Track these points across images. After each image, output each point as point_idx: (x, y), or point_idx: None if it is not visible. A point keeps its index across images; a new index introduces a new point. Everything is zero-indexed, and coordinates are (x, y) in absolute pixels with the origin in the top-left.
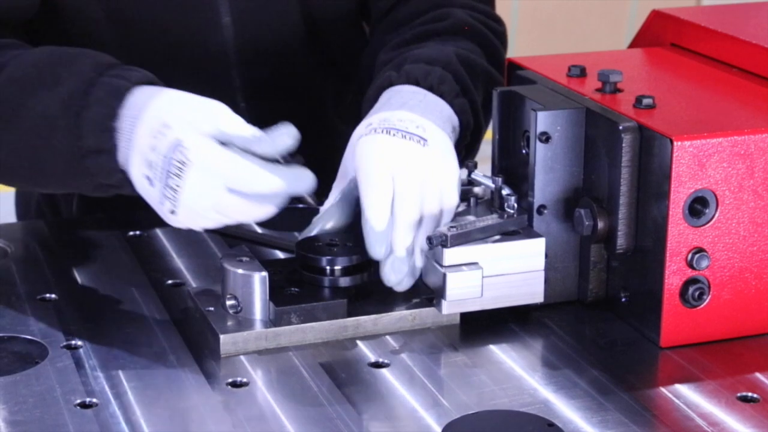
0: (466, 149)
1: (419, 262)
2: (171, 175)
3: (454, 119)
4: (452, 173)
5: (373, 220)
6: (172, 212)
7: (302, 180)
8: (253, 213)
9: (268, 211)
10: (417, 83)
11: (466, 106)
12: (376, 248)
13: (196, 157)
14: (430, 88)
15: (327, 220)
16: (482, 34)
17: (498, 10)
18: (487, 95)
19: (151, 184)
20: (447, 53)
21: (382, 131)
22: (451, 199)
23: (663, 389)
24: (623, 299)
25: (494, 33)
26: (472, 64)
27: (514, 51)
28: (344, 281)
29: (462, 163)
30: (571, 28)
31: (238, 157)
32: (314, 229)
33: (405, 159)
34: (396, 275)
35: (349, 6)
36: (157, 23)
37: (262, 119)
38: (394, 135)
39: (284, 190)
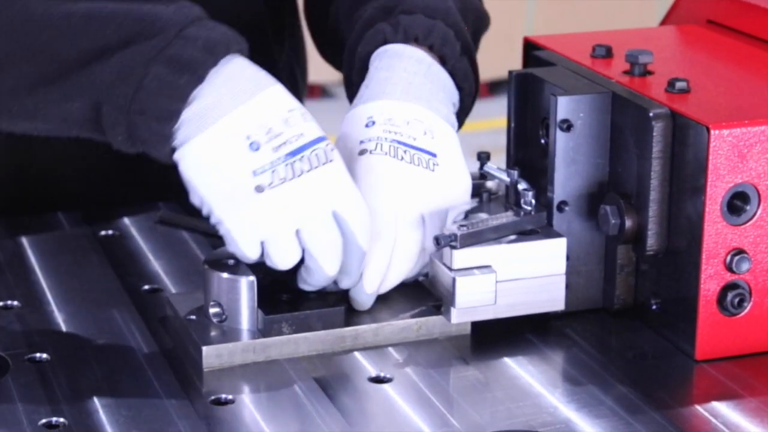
0: (464, 114)
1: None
2: (306, 159)
3: (455, 93)
4: (461, 198)
5: (368, 285)
6: (259, 189)
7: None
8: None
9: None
10: (416, 41)
11: (468, 70)
12: (362, 303)
13: (339, 161)
14: (431, 48)
15: None
16: None
17: None
18: (475, 37)
19: (252, 148)
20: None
21: (390, 149)
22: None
23: (699, 407)
24: (654, 307)
25: None
26: (465, 5)
27: (532, 29)
28: None
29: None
30: (595, 3)
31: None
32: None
33: (411, 196)
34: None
35: None
36: None
37: None
38: (402, 158)
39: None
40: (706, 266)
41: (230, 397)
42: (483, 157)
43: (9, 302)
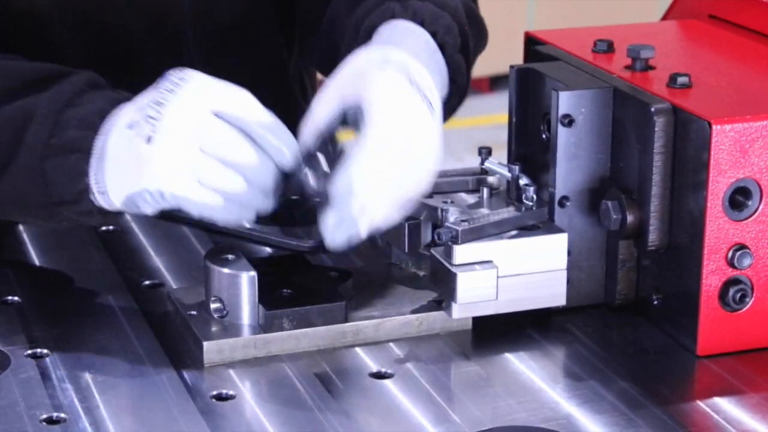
0: (450, 111)
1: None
2: (157, 100)
3: (446, 85)
4: (433, 161)
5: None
6: (149, 139)
7: (283, 153)
8: (227, 178)
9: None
10: (422, 24)
11: (462, 66)
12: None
13: (188, 82)
14: (434, 34)
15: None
16: None
17: None
18: (476, 49)
19: (131, 126)
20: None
21: (406, 78)
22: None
23: (700, 403)
24: (655, 302)
25: None
26: (473, 15)
27: (534, 23)
28: None
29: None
30: None
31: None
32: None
33: (417, 127)
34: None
35: None
36: None
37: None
38: (416, 91)
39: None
40: (707, 261)
41: (231, 392)
42: (484, 153)
43: (9, 298)
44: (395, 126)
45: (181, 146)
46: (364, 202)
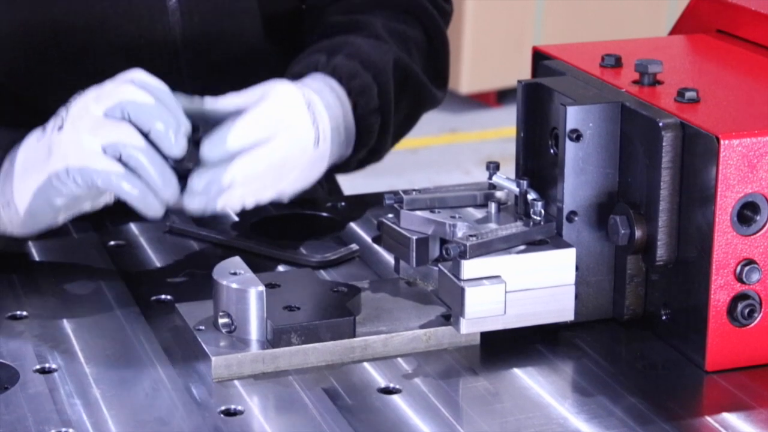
0: (358, 164)
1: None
2: (65, 107)
3: (351, 143)
4: (301, 176)
5: (233, 139)
6: (60, 128)
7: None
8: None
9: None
10: (340, 80)
11: (375, 125)
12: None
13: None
14: (349, 93)
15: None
16: (432, 18)
17: None
18: (412, 111)
19: (41, 137)
20: (386, 60)
21: (306, 100)
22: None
23: (709, 418)
24: (664, 317)
25: (441, 12)
26: (407, 75)
27: (541, 38)
28: None
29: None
30: (604, 12)
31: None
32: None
33: (300, 143)
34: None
35: None
36: (95, 8)
37: (201, 77)
38: (310, 113)
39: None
40: (716, 276)
41: (240, 407)
42: (492, 168)
43: (18, 312)
44: (275, 112)
45: (85, 120)
46: (235, 175)
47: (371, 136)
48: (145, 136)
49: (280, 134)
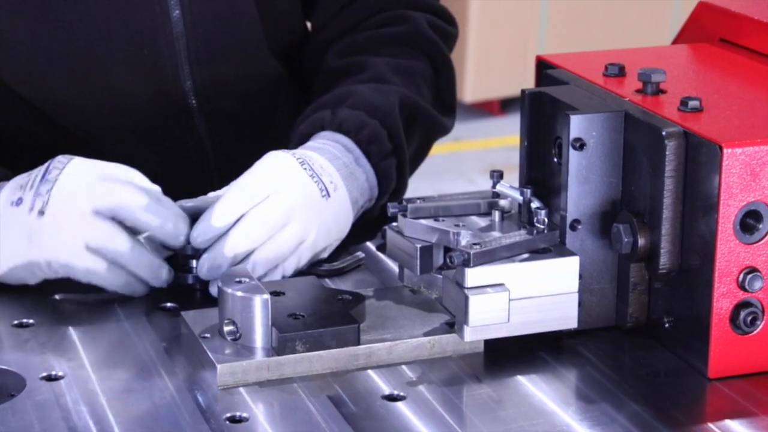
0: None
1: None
2: (46, 178)
3: (374, 189)
4: (311, 246)
5: (217, 218)
6: (41, 213)
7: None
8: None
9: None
10: (348, 134)
11: (391, 169)
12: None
13: (73, 162)
14: (359, 143)
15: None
16: (437, 48)
17: (526, 2)
18: (423, 143)
19: (18, 203)
20: (390, 102)
21: (299, 159)
22: (290, 265)
23: (712, 425)
24: (667, 325)
25: (445, 38)
26: (415, 112)
27: (544, 48)
28: None
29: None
30: (607, 22)
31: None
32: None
33: (299, 197)
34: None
35: None
36: (96, 17)
37: (215, 123)
38: (305, 169)
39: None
40: (718, 284)
41: (245, 414)
42: (496, 176)
43: (24, 320)
44: (259, 179)
45: (70, 214)
46: (236, 245)
47: (390, 179)
48: (137, 233)
49: (272, 196)
